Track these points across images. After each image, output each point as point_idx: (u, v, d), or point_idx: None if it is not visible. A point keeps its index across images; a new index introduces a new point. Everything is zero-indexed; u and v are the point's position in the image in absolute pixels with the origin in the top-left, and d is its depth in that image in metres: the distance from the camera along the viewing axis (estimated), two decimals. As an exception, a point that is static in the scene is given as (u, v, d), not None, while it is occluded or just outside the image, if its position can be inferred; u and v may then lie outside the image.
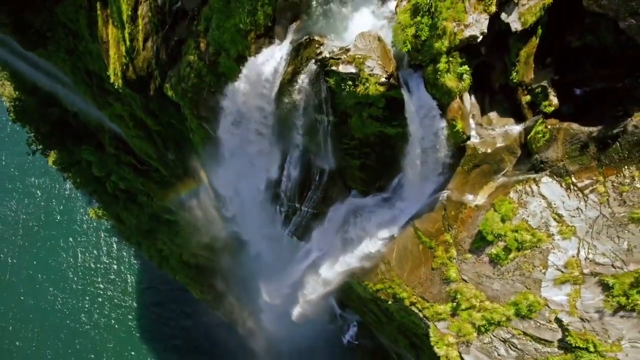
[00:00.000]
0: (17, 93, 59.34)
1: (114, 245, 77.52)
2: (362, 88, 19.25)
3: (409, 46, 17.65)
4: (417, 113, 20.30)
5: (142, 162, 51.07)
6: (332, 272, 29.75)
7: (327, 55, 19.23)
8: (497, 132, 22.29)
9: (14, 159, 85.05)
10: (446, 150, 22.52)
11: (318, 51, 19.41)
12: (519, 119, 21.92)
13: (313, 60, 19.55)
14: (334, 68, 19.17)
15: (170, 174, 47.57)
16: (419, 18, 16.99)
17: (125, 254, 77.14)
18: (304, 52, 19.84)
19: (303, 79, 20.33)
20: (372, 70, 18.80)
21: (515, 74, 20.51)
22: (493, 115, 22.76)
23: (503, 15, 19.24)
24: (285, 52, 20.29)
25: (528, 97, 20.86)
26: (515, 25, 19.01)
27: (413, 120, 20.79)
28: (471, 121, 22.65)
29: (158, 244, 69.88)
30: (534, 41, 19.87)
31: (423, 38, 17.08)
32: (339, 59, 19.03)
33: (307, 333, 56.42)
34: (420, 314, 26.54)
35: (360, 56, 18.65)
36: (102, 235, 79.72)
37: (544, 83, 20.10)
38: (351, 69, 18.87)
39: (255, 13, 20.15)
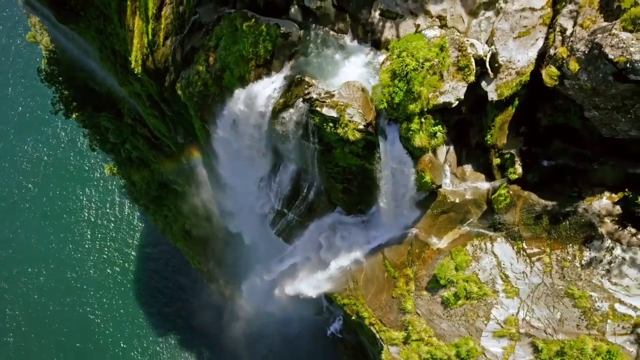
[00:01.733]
0: (52, 45, 61.99)
1: (125, 208, 79.91)
2: (342, 131, 20.84)
3: (385, 104, 19.10)
4: (391, 160, 21.78)
5: (155, 137, 53.26)
6: (305, 286, 31.79)
7: (314, 97, 20.80)
8: (467, 185, 23.69)
9: (45, 105, 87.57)
10: (417, 193, 24.01)
11: (307, 91, 20.98)
12: (490, 176, 23.26)
13: (301, 99, 21.16)
14: (318, 109, 20.75)
15: (179, 152, 49.78)
16: (396, 82, 18.40)
17: (134, 217, 79.69)
18: (295, 90, 21.46)
19: (292, 112, 21.97)
20: (351, 117, 20.37)
21: (489, 136, 21.81)
22: (467, 168, 24.12)
23: (483, 83, 20.54)
24: (279, 85, 21.94)
25: (498, 160, 22.17)
26: (492, 95, 20.30)
27: (387, 166, 22.28)
28: (447, 169, 24.06)
29: (164, 210, 72.06)
30: (510, 110, 21.10)
31: (397, 101, 18.51)
32: (323, 101, 20.60)
33: (294, 321, 58.14)
34: (377, 335, 28.44)
35: (342, 103, 20.21)
36: (116, 195, 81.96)
37: (513, 151, 21.38)
38: (333, 113, 20.45)
39: (257, 45, 21.74)
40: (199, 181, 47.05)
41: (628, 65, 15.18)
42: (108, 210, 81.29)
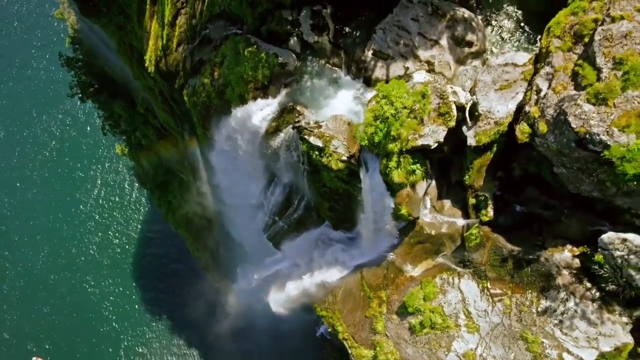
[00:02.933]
0: (78, 25, 63.76)
1: (133, 190, 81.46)
2: (327, 160, 22.07)
3: (366, 142, 20.27)
4: (371, 191, 22.97)
5: (165, 129, 54.87)
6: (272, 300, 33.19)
7: (303, 125, 22.04)
8: (445, 219, 24.76)
9: (65, 82, 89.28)
10: (397, 222, 25.15)
11: (297, 119, 22.24)
12: (466, 214, 24.31)
13: (291, 125, 22.41)
14: (306, 137, 21.99)
15: (185, 146, 51.36)
16: (377, 122, 19.55)
17: (140, 200, 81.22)
18: (286, 116, 22.72)
19: (282, 136, 23.25)
20: (336, 149, 21.58)
21: (467, 177, 22.85)
22: (447, 202, 25.18)
23: (464, 128, 21.60)
24: (272, 110, 23.22)
25: (474, 200, 23.18)
26: (471, 141, 21.34)
27: (368, 195, 23.47)
28: (427, 201, 25.14)
29: (169, 196, 73.43)
30: (488, 155, 22.08)
31: (376, 140, 19.66)
32: (311, 131, 21.83)
33: (284, 319, 59.23)
34: (349, 350, 29.69)
35: (328, 135, 21.43)
36: (126, 176, 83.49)
37: (487, 194, 22.38)
38: (319, 143, 21.67)
39: (257, 70, 23.02)
40: (203, 180, 48.58)
41: (587, 136, 16.17)
42: (116, 190, 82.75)
